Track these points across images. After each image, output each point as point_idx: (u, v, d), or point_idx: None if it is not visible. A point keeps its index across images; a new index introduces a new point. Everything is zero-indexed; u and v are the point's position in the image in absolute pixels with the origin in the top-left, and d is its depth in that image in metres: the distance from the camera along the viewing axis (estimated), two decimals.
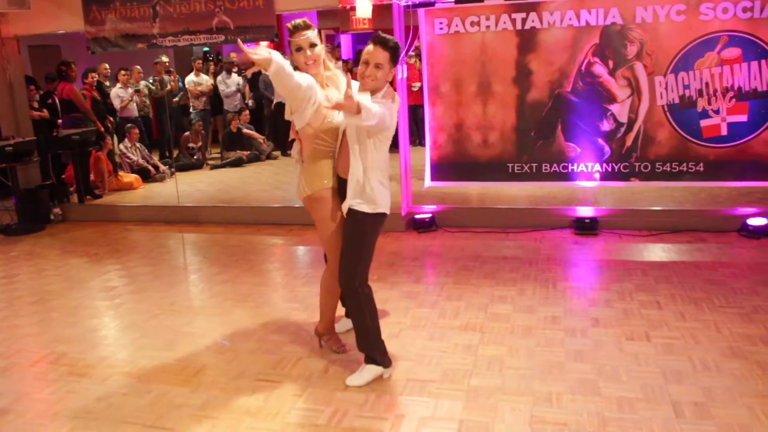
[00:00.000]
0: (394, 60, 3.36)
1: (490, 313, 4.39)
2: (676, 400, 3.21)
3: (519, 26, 6.09)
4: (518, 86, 6.22)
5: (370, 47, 3.32)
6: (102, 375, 3.81)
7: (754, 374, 3.43)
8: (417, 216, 6.56)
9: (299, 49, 3.45)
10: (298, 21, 3.46)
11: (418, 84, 7.44)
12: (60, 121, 8.69)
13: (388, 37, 3.37)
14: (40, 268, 6.02)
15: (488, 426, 3.08)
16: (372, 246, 3.57)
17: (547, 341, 3.93)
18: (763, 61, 5.69)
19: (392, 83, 5.43)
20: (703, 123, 5.92)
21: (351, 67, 10.75)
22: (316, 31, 3.50)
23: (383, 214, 3.52)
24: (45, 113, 8.61)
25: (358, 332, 3.60)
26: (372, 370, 3.56)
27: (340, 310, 4.07)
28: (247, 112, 11.58)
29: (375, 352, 3.57)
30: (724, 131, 5.89)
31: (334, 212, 3.59)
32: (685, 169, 6.03)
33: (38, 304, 5.05)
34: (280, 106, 11.32)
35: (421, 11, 6.29)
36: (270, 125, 11.87)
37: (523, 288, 4.83)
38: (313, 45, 3.45)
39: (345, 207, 3.50)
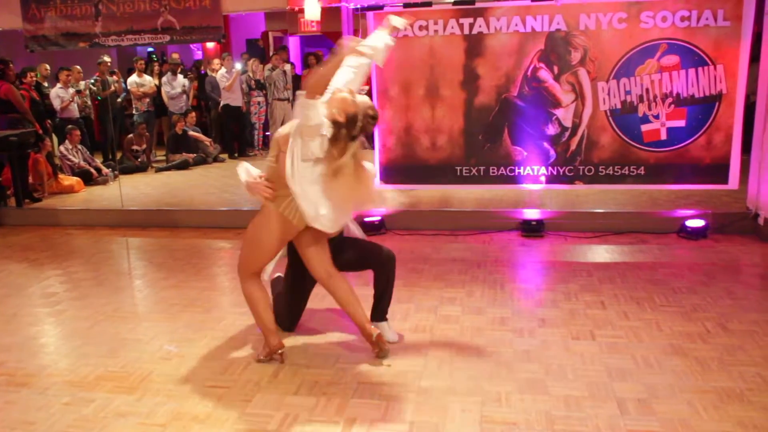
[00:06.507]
0: None
1: (440, 315, 4.42)
2: (621, 397, 3.29)
3: (466, 31, 6.17)
4: (466, 90, 6.29)
5: None
6: (42, 384, 3.68)
7: (693, 370, 3.55)
8: (366, 219, 6.55)
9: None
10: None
11: (366, 87, 7.43)
12: None
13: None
14: None
15: (439, 427, 3.10)
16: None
17: (495, 342, 3.97)
18: (700, 69, 5.89)
19: None
20: (644, 128, 6.10)
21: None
22: None
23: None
24: None
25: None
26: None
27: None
28: (194, 114, 11.38)
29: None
30: (663, 136, 6.08)
31: None
32: (627, 172, 6.20)
33: None
34: (227, 108, 11.18)
35: (370, 15, 6.30)
36: (217, 127, 11.70)
37: (471, 290, 4.88)
38: None
39: None
